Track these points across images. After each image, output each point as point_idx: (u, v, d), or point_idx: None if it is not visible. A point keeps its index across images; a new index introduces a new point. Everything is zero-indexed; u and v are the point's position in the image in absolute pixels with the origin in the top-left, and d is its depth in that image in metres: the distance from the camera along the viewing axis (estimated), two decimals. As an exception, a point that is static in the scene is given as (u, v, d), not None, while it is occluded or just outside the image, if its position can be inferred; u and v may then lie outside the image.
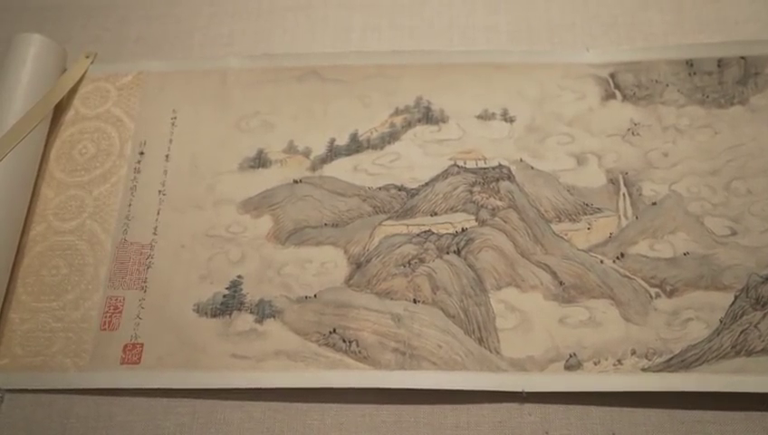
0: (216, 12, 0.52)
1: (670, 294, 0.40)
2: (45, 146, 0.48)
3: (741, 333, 0.38)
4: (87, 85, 0.50)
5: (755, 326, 0.38)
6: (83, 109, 0.49)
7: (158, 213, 0.45)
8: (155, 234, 0.45)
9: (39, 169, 0.47)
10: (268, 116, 0.48)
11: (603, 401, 0.37)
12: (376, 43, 0.49)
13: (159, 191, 0.46)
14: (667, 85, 0.45)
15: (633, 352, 0.38)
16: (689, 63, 0.46)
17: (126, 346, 0.41)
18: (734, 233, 0.41)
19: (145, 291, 0.43)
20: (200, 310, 0.42)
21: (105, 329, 0.42)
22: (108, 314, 0.42)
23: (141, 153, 0.47)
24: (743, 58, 0.45)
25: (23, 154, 0.45)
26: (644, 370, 0.38)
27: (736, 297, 0.39)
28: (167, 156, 0.47)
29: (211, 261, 0.43)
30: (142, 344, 0.41)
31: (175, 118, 0.48)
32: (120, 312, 0.42)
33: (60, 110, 0.49)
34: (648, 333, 0.39)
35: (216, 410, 0.40)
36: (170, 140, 0.47)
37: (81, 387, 0.40)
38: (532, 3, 0.49)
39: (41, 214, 0.46)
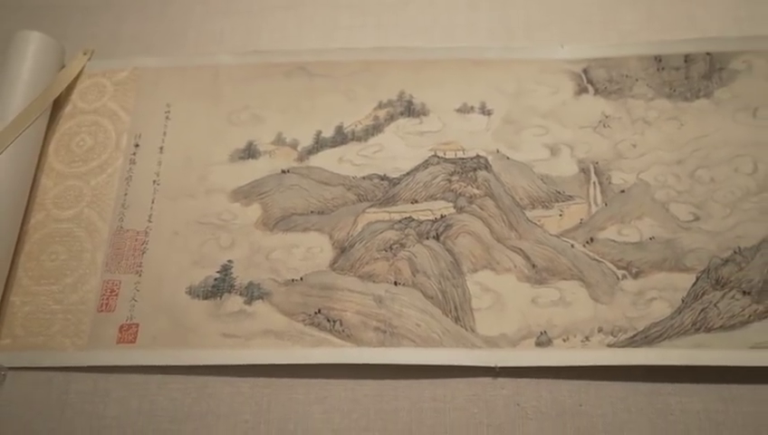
0: (208, 10, 0.54)
1: (636, 276, 0.42)
2: (44, 139, 0.50)
3: (701, 311, 0.41)
4: (84, 81, 0.52)
5: (715, 305, 0.41)
6: (81, 103, 0.51)
7: (153, 202, 0.47)
8: (150, 221, 0.47)
9: (39, 161, 0.49)
10: (258, 110, 0.50)
11: (571, 374, 0.40)
12: (361, 40, 0.52)
13: (154, 181, 0.48)
14: (637, 80, 0.48)
15: (600, 330, 0.41)
16: (658, 59, 0.48)
17: (122, 326, 0.44)
18: (697, 218, 0.43)
19: (140, 275, 0.45)
20: (192, 292, 0.44)
21: (102, 311, 0.44)
22: (105, 297, 0.45)
23: (137, 145, 0.49)
24: (708, 54, 0.48)
25: (23, 146, 0.47)
26: (609, 346, 0.40)
27: (698, 278, 0.41)
28: (161, 148, 0.49)
29: (203, 247, 0.46)
30: (138, 325, 0.44)
31: (169, 112, 0.51)
32: (117, 294, 0.45)
33: (58, 104, 0.51)
34: (615, 311, 0.41)
35: (207, 385, 0.42)
36: (164, 133, 0.50)
37: (79, 365, 0.43)
38: (510, 1, 0.52)
39: (40, 203, 0.48)
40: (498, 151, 0.47)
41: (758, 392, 0.38)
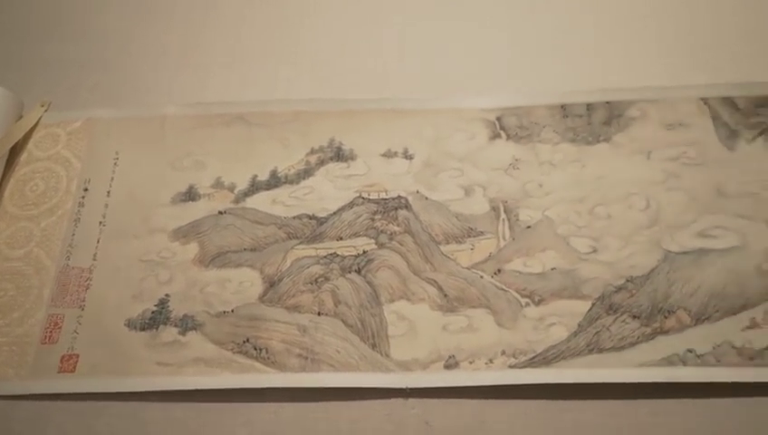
0: (157, 66, 0.59)
1: (538, 303, 0.46)
2: (0, 184, 0.54)
3: (595, 334, 0.44)
4: (41, 130, 0.57)
5: (607, 328, 0.44)
6: (36, 151, 0.56)
7: (99, 241, 0.51)
8: (94, 259, 0.50)
9: (-6, 205, 0.53)
10: (199, 156, 0.54)
11: (476, 394, 0.43)
12: (296, 92, 0.56)
13: (100, 222, 0.52)
14: (544, 126, 0.52)
15: (503, 353, 0.44)
16: (563, 108, 0.53)
17: (63, 357, 0.47)
18: (594, 250, 0.47)
19: (83, 309, 0.48)
20: (131, 324, 0.47)
21: (46, 343, 0.47)
22: (48, 330, 0.48)
23: (86, 189, 0.53)
24: (608, 103, 0.53)
25: (-20, 192, 0.51)
26: (511, 367, 0.44)
27: (593, 305, 0.45)
28: (108, 192, 0.53)
29: (143, 282, 0.49)
30: (78, 355, 0.47)
31: (117, 158, 0.55)
32: (60, 327, 0.48)
33: (15, 152, 0.55)
34: (517, 336, 0.45)
35: (143, 410, 0.45)
36: (112, 178, 0.54)
37: (21, 393, 0.45)
38: (432, 56, 0.57)
39: (-6, 243, 0.52)
40: (418, 192, 0.51)
41: (642, 407, 0.42)
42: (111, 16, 0.62)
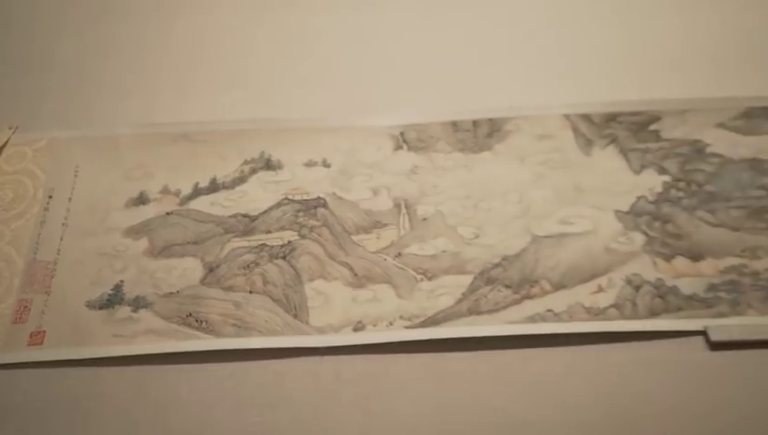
0: (112, 92, 0.68)
1: (430, 279, 0.56)
2: (-24, 195, 0.62)
3: (474, 301, 0.54)
4: (10, 149, 0.65)
5: (485, 296, 0.54)
6: (6, 166, 0.64)
7: (62, 239, 0.60)
8: (58, 254, 0.59)
9: (-30, 211, 0.61)
10: (149, 168, 0.63)
11: (378, 350, 0.52)
12: (234, 114, 0.66)
13: (63, 223, 0.60)
14: (439, 139, 0.63)
15: (401, 317, 0.53)
16: (454, 124, 0.64)
17: (32, 333, 0.55)
18: (477, 236, 0.58)
19: (49, 294, 0.57)
20: (90, 305, 0.56)
21: (16, 322, 0.55)
22: (19, 312, 0.56)
23: (50, 197, 0.62)
24: (490, 119, 0.64)
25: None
26: (406, 327, 0.53)
27: (474, 278, 0.55)
28: (69, 198, 0.62)
29: (101, 271, 0.58)
30: (45, 331, 0.55)
31: (77, 171, 0.64)
32: (29, 310, 0.56)
33: (-13, 168, 0.64)
34: (413, 304, 0.54)
35: (100, 373, 0.52)
36: (73, 187, 0.63)
37: (-6, 364, 0.53)
38: (348, 82, 0.68)
39: (-30, 243, 0.60)
40: (334, 193, 0.61)
41: (512, 355, 0.51)
42: (70, 49, 0.72)
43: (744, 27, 0.69)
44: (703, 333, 0.52)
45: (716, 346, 0.51)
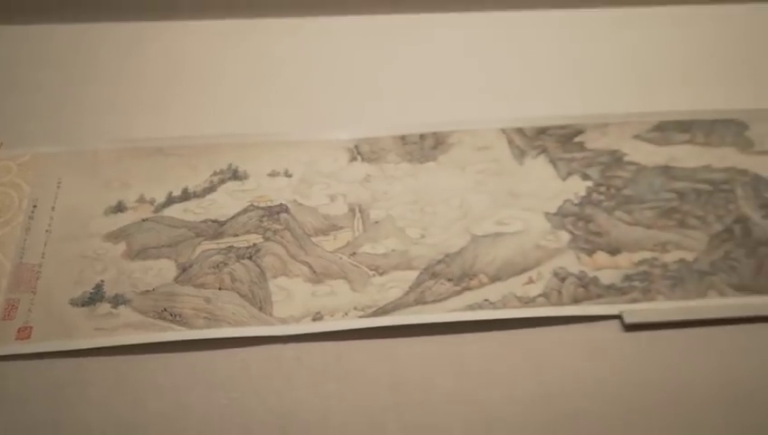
0: (91, 110, 0.74)
1: (381, 274, 0.62)
2: (-36, 205, 0.68)
3: (420, 292, 0.61)
4: (-5, 164, 0.71)
5: (430, 289, 0.61)
6: (-8, 179, 0.70)
7: (46, 244, 0.65)
8: (43, 257, 0.64)
9: (-41, 220, 0.67)
10: (126, 180, 0.69)
11: (334, 337, 0.58)
12: (204, 129, 0.73)
13: (47, 230, 0.66)
14: (389, 151, 0.70)
15: (355, 308, 0.60)
16: (402, 138, 0.71)
17: (20, 328, 0.60)
18: (423, 236, 0.64)
19: (35, 293, 0.62)
20: (74, 302, 0.61)
21: (5, 319, 0.61)
22: (7, 310, 0.61)
23: (35, 206, 0.68)
24: (435, 133, 0.71)
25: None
26: (360, 317, 0.59)
27: (420, 273, 0.62)
28: (53, 207, 0.68)
29: (82, 272, 0.63)
30: (32, 327, 0.60)
31: (60, 183, 0.69)
32: (17, 308, 0.61)
33: (-26, 180, 0.70)
34: (366, 297, 0.61)
35: (83, 365, 0.58)
36: (56, 197, 0.68)
37: (-16, 357, 0.59)
38: (307, 100, 0.74)
39: (-40, 248, 0.65)
40: (295, 201, 0.68)
41: (453, 339, 0.58)
42: (50, 72, 0.78)
43: (659, 46, 0.79)
44: (618, 317, 0.59)
45: (630, 328, 0.59)
